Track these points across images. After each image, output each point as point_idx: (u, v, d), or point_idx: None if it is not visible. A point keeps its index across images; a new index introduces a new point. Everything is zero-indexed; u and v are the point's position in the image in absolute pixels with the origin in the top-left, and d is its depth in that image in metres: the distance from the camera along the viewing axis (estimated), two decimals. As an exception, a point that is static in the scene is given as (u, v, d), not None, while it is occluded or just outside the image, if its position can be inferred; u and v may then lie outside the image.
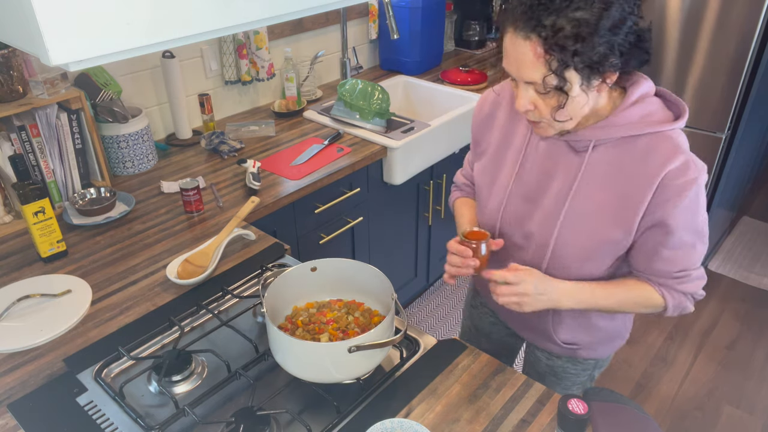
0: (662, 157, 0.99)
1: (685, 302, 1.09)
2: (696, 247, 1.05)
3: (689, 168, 0.98)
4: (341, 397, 1.08)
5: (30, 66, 1.66)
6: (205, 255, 1.43)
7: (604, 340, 1.27)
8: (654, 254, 1.05)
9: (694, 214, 1.01)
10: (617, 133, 1.01)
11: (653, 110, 1.02)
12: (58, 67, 0.76)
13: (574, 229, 1.07)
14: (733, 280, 2.95)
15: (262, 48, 2.25)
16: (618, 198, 1.03)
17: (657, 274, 1.07)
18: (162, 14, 0.72)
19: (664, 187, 0.99)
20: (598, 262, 1.09)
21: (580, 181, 1.06)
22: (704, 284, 1.09)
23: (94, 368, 1.16)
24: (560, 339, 1.26)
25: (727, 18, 2.22)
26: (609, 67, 0.93)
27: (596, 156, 1.04)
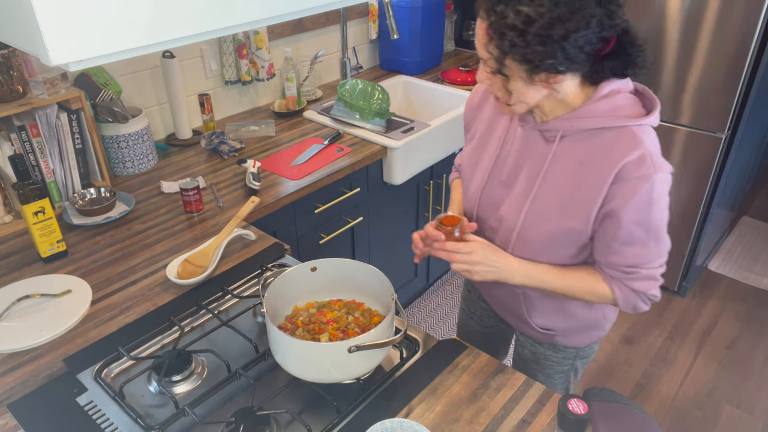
0: (622, 150, 1.00)
1: (636, 300, 1.10)
2: (648, 245, 1.05)
3: (645, 163, 0.98)
4: (341, 397, 1.08)
5: (30, 66, 1.66)
6: (205, 255, 1.43)
7: (580, 328, 1.28)
8: (607, 246, 1.07)
9: (647, 211, 1.01)
10: (583, 125, 1.04)
11: (622, 105, 1.03)
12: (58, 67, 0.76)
13: (538, 215, 1.11)
14: (733, 280, 2.95)
15: (262, 48, 2.25)
16: (580, 188, 1.05)
17: (609, 265, 1.09)
18: (162, 14, 0.72)
19: (619, 180, 1.00)
20: (560, 250, 1.12)
21: (547, 170, 1.09)
22: (657, 286, 1.09)
23: (94, 368, 1.16)
24: (535, 323, 1.28)
25: (727, 18, 2.22)
26: (548, 69, 0.95)
27: (563, 146, 1.07)
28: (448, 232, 1.12)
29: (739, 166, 2.73)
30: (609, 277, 1.10)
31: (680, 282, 2.82)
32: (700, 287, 2.91)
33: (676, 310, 2.78)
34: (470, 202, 1.24)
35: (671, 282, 2.84)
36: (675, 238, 2.72)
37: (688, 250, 2.72)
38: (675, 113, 2.50)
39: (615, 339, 2.61)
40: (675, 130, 2.53)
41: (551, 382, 1.40)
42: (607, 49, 0.98)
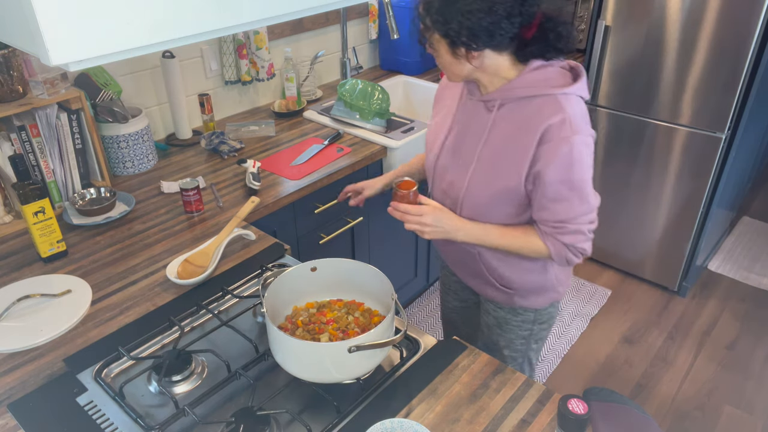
0: (546, 114, 1.14)
1: (566, 252, 1.22)
2: (573, 202, 1.16)
3: (565, 126, 1.11)
4: (341, 397, 1.08)
5: (30, 66, 1.66)
6: (205, 255, 1.43)
7: (535, 288, 1.39)
8: (539, 204, 1.19)
9: (568, 170, 1.13)
10: (516, 93, 1.18)
11: (551, 77, 1.17)
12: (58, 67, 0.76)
13: (480, 177, 1.24)
14: (733, 280, 2.95)
15: (262, 48, 2.25)
16: (513, 150, 1.18)
17: (542, 222, 1.22)
18: (162, 14, 0.72)
19: (542, 142, 1.14)
20: (501, 208, 1.24)
21: (488, 136, 1.23)
22: (586, 240, 1.21)
23: (94, 368, 1.16)
24: (492, 278, 1.39)
25: (727, 18, 2.22)
26: (463, 45, 1.12)
27: (501, 114, 1.21)
28: (403, 195, 1.25)
29: (739, 166, 2.73)
30: (542, 232, 1.22)
31: (680, 282, 2.82)
32: (700, 287, 2.91)
33: (676, 310, 2.78)
34: (429, 170, 1.40)
35: (671, 282, 2.84)
36: (675, 238, 2.72)
37: (688, 250, 2.72)
38: (675, 113, 2.50)
39: (615, 339, 2.61)
40: (675, 130, 2.53)
41: (513, 347, 1.50)
42: (531, 32, 1.13)
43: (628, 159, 2.72)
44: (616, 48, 2.55)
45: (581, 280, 2.95)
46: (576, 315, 2.73)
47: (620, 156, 2.74)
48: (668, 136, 2.56)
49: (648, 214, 2.77)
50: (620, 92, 2.62)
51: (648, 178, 2.69)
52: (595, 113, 2.74)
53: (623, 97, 2.62)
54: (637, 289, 2.91)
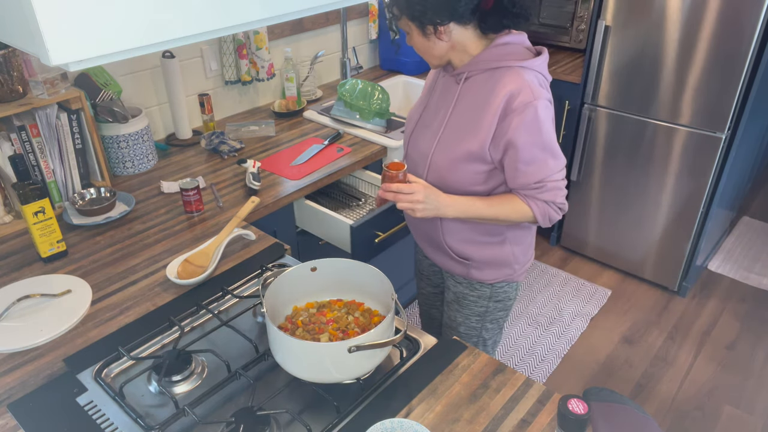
0: (507, 85, 1.23)
1: (549, 210, 1.30)
2: (547, 161, 1.25)
3: (524, 92, 1.21)
4: (341, 397, 1.08)
5: (30, 66, 1.66)
6: (205, 255, 1.43)
7: (490, 261, 1.45)
8: (515, 170, 1.27)
9: (537, 132, 1.22)
10: (480, 66, 1.28)
11: (513, 52, 1.27)
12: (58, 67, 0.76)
13: (445, 142, 1.33)
14: (733, 280, 2.95)
15: (262, 48, 2.25)
16: (477, 118, 1.27)
17: (521, 187, 1.29)
18: (162, 14, 0.72)
19: (506, 111, 1.23)
20: (462, 172, 1.32)
21: (455, 105, 1.33)
22: (563, 194, 1.30)
23: (94, 368, 1.16)
24: (450, 247, 1.46)
25: (727, 18, 2.22)
26: (430, 23, 1.22)
27: (467, 85, 1.31)
28: (393, 175, 1.27)
29: (739, 166, 2.73)
30: (524, 196, 1.30)
31: (680, 282, 2.82)
32: (700, 287, 2.91)
33: (676, 310, 2.78)
34: (405, 142, 1.50)
35: (671, 282, 2.84)
36: (675, 238, 2.72)
37: (688, 250, 2.72)
38: (675, 113, 2.50)
39: (615, 339, 2.61)
40: (675, 130, 2.53)
41: (468, 323, 1.57)
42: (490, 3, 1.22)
43: (628, 159, 2.72)
44: (616, 48, 2.55)
45: (581, 280, 2.95)
46: (576, 315, 2.73)
47: (620, 156, 2.74)
48: (668, 136, 2.56)
49: (648, 214, 2.77)
50: (620, 92, 2.62)
51: (648, 178, 2.69)
52: (595, 113, 2.74)
53: (623, 97, 2.62)
54: (637, 289, 2.91)
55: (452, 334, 1.60)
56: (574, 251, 3.15)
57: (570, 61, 2.94)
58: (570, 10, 2.94)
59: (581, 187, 2.92)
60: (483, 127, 1.26)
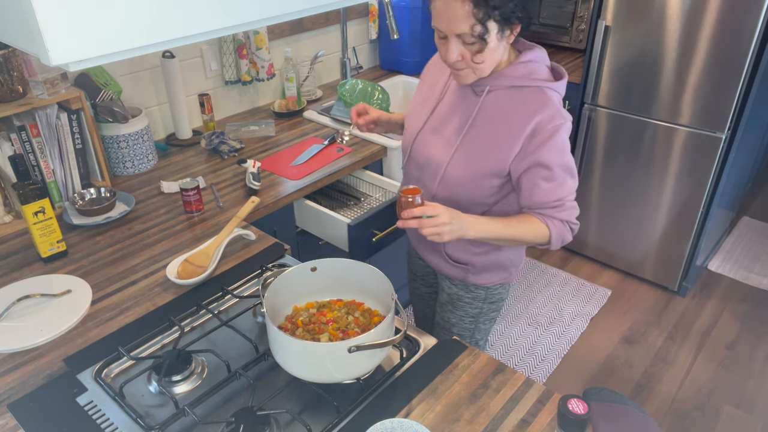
0: (535, 107, 1.23)
1: (564, 231, 1.29)
2: (567, 181, 1.26)
3: (555, 116, 1.22)
4: (341, 397, 1.08)
5: (30, 66, 1.66)
6: (205, 255, 1.43)
7: (488, 266, 1.46)
8: (534, 188, 1.26)
9: (563, 152, 1.24)
10: (506, 82, 1.26)
11: (538, 70, 1.27)
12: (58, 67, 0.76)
13: (462, 157, 1.30)
14: (733, 280, 2.95)
15: (262, 48, 2.25)
16: (499, 136, 1.26)
17: (538, 205, 1.27)
18: (162, 14, 0.72)
19: (536, 134, 1.22)
20: (478, 190, 1.31)
21: (475, 118, 1.30)
22: (577, 214, 1.29)
23: (94, 368, 1.16)
24: (448, 254, 1.45)
25: (727, 18, 2.22)
26: (515, 20, 1.18)
27: (489, 99, 1.29)
28: (411, 201, 1.20)
29: (739, 166, 2.73)
30: (540, 215, 1.28)
31: (680, 282, 2.82)
32: (700, 287, 2.91)
33: (676, 310, 2.78)
34: (407, 142, 1.45)
35: (671, 282, 2.84)
36: (675, 238, 2.72)
37: (688, 250, 2.72)
38: (675, 113, 2.50)
39: (615, 339, 2.61)
40: (675, 130, 2.53)
41: (461, 325, 1.57)
42: None
43: (628, 159, 2.72)
44: (616, 48, 2.55)
45: (581, 280, 2.95)
46: (576, 315, 2.73)
47: (620, 156, 2.74)
48: (668, 136, 2.56)
49: (648, 214, 2.77)
50: (620, 92, 2.62)
51: (648, 178, 2.69)
52: (595, 113, 2.74)
53: (623, 97, 2.62)
54: (637, 289, 2.91)
55: (445, 334, 1.61)
56: (574, 251, 3.15)
57: (570, 61, 2.94)
58: (570, 10, 2.94)
59: (581, 187, 2.92)
60: (507, 145, 1.24)
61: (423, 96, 1.46)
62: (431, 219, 1.18)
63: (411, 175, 1.45)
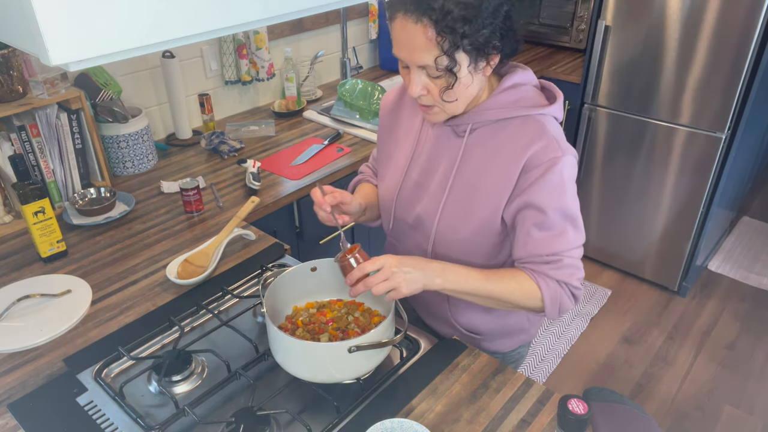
0: (527, 139, 1.04)
1: (561, 293, 1.07)
2: (567, 231, 1.05)
3: (552, 148, 1.02)
4: (341, 397, 1.08)
5: (30, 66, 1.66)
6: (205, 255, 1.43)
7: (505, 332, 1.28)
8: (527, 236, 1.06)
9: (561, 194, 1.03)
10: (490, 116, 1.07)
11: (526, 96, 1.08)
12: (58, 67, 0.76)
13: (455, 209, 1.12)
14: (733, 280, 2.95)
15: (262, 48, 2.25)
16: (491, 178, 1.08)
17: (531, 258, 1.07)
18: (162, 14, 0.72)
19: (528, 169, 1.03)
20: (477, 246, 1.13)
21: (460, 164, 1.11)
22: (580, 276, 1.07)
23: (94, 368, 1.16)
24: (458, 322, 1.27)
25: (727, 18, 2.22)
26: (492, 50, 0.99)
27: (473, 139, 1.10)
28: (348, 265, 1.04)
29: (739, 166, 2.73)
30: (531, 271, 1.07)
31: (680, 282, 2.82)
32: (700, 287, 2.91)
33: (676, 310, 2.78)
34: (387, 202, 1.25)
35: (671, 282, 2.84)
36: (675, 238, 2.72)
37: (688, 250, 2.72)
38: (675, 113, 2.50)
39: (615, 339, 2.61)
40: (675, 130, 2.53)
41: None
42: None
43: (628, 159, 2.72)
44: (616, 48, 2.55)
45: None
46: (576, 315, 2.73)
47: (620, 156, 2.74)
48: (668, 136, 2.56)
49: (648, 214, 2.77)
50: (620, 92, 2.62)
51: (648, 178, 2.69)
52: (595, 113, 2.74)
53: (623, 97, 2.62)
54: (637, 289, 2.91)
55: None
56: (574, 251, 3.14)
57: (570, 61, 2.94)
58: (570, 10, 2.94)
59: (581, 187, 2.92)
60: (500, 190, 1.06)
61: (393, 143, 1.24)
62: (378, 274, 1.00)
63: (403, 235, 1.25)
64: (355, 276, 1.01)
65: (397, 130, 1.25)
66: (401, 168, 1.21)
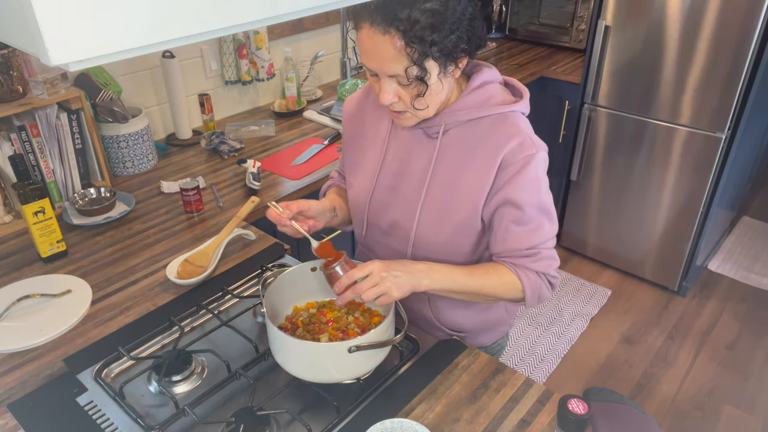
0: (502, 137, 1.05)
1: (541, 284, 1.10)
2: (543, 225, 1.08)
3: (525, 145, 1.04)
4: (341, 397, 1.08)
5: (30, 66, 1.66)
6: (205, 255, 1.43)
7: (486, 326, 1.32)
8: (506, 232, 1.08)
9: (536, 189, 1.06)
10: (462, 116, 1.08)
11: (494, 94, 1.09)
12: (58, 67, 0.76)
13: (433, 212, 1.12)
14: (733, 280, 2.95)
15: (262, 48, 2.25)
16: (467, 177, 1.08)
17: (510, 253, 1.09)
18: (162, 14, 0.72)
19: (504, 167, 1.05)
20: (457, 247, 1.14)
21: (435, 166, 1.11)
22: (557, 266, 1.11)
23: (94, 368, 1.16)
24: (442, 323, 1.28)
25: (727, 18, 2.22)
26: (460, 53, 1.00)
27: (447, 140, 1.10)
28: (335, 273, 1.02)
29: (739, 166, 2.73)
30: (512, 264, 1.10)
31: (680, 282, 2.82)
32: (700, 287, 2.91)
33: (676, 310, 2.78)
34: (359, 209, 1.24)
35: (671, 282, 2.84)
36: (675, 238, 2.72)
37: (688, 250, 2.72)
38: (675, 113, 2.50)
39: (615, 339, 2.61)
40: (675, 130, 2.53)
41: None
42: None
43: (628, 159, 2.72)
44: (616, 48, 2.55)
45: (581, 280, 2.95)
46: (576, 315, 2.73)
47: (620, 156, 2.74)
48: (668, 136, 2.56)
49: (648, 214, 2.77)
50: (620, 92, 2.62)
51: (648, 178, 2.69)
52: (596, 113, 2.74)
53: (623, 97, 2.62)
54: (637, 289, 2.91)
55: None
56: (574, 251, 3.14)
57: (570, 61, 2.94)
58: (570, 10, 2.94)
59: (581, 187, 2.92)
60: (475, 188, 1.07)
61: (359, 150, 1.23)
62: (366, 280, 0.99)
63: (377, 242, 1.24)
64: (343, 284, 1.01)
65: (360, 136, 1.24)
66: (371, 174, 1.20)
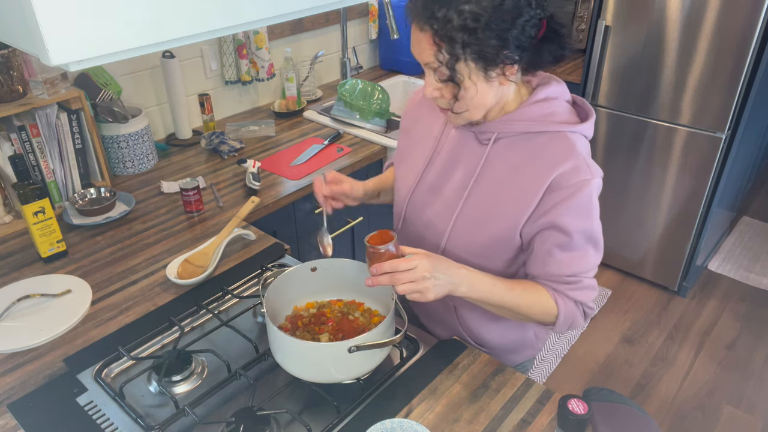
0: (555, 157, 1.00)
1: (576, 313, 1.07)
2: (588, 253, 1.05)
3: (581, 170, 0.99)
4: (341, 397, 1.08)
5: (30, 66, 1.66)
6: (205, 255, 1.43)
7: (512, 347, 1.26)
8: (548, 256, 1.04)
9: (586, 217, 1.02)
10: (517, 127, 1.03)
11: (557, 111, 1.04)
12: (58, 67, 0.76)
13: (469, 220, 1.09)
14: (733, 280, 2.95)
15: (262, 48, 2.25)
16: (512, 193, 1.04)
17: (550, 277, 1.06)
18: (162, 14, 0.72)
19: (554, 189, 1.00)
20: (490, 259, 1.10)
21: (480, 173, 1.08)
22: (595, 296, 1.07)
23: (94, 368, 1.16)
24: (467, 334, 1.24)
25: (727, 18, 2.22)
26: (504, 60, 0.94)
27: (497, 149, 1.06)
28: (380, 254, 0.97)
29: (739, 166, 2.73)
30: (552, 289, 1.06)
31: (680, 282, 2.82)
32: (700, 287, 2.91)
33: (676, 310, 2.78)
34: (399, 203, 1.22)
35: (671, 282, 2.84)
36: (675, 238, 2.72)
37: (688, 250, 2.72)
38: (675, 113, 2.50)
39: (615, 339, 2.61)
40: (675, 130, 2.53)
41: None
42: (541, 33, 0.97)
43: (628, 159, 2.72)
44: (616, 48, 2.55)
45: (581, 280, 2.95)
46: (576, 315, 2.73)
47: (620, 156, 2.74)
48: (668, 136, 2.56)
49: (648, 214, 2.77)
50: (620, 92, 2.62)
51: (648, 178, 2.69)
52: (596, 113, 2.74)
53: (623, 97, 2.62)
54: (637, 289, 2.91)
55: None
56: (574, 251, 3.14)
57: (570, 61, 2.94)
58: (570, 10, 2.94)
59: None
60: (520, 206, 1.03)
61: (413, 142, 1.21)
62: (407, 273, 0.95)
63: (410, 236, 1.21)
64: (384, 268, 0.96)
65: (413, 130, 1.23)
66: (417, 169, 1.18)
